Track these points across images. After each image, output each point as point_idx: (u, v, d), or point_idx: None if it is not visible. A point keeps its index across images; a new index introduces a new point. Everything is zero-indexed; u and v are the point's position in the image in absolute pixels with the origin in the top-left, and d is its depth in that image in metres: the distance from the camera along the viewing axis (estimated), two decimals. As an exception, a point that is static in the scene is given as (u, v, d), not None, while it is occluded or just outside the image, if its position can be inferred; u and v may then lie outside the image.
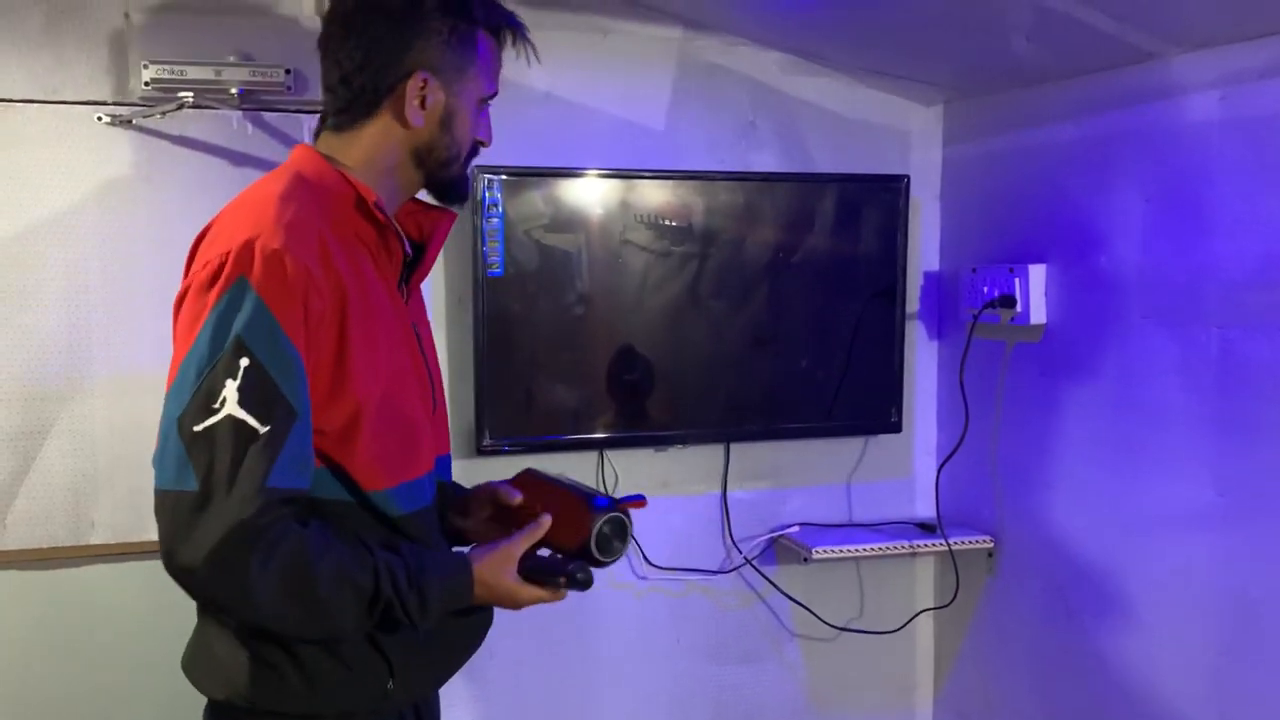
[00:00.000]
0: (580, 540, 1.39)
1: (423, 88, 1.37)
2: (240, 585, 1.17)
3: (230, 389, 1.17)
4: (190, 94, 2.06)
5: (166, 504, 1.17)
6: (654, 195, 2.40)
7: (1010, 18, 2.02)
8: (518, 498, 1.48)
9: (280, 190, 1.29)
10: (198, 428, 1.17)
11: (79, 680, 2.18)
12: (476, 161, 2.19)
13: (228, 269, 1.20)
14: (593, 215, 2.37)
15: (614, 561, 1.42)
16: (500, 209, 2.30)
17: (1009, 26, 2.07)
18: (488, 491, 1.52)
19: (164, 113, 2.07)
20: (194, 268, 1.27)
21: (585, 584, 1.38)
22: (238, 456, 1.16)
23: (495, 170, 2.28)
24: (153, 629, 1.33)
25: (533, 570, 1.38)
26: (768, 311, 2.51)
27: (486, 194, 2.28)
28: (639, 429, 2.47)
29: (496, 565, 1.37)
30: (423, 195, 1.50)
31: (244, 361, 1.17)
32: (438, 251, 1.51)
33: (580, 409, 2.42)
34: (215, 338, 1.18)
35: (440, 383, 1.53)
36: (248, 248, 1.20)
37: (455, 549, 1.45)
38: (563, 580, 1.38)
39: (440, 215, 1.53)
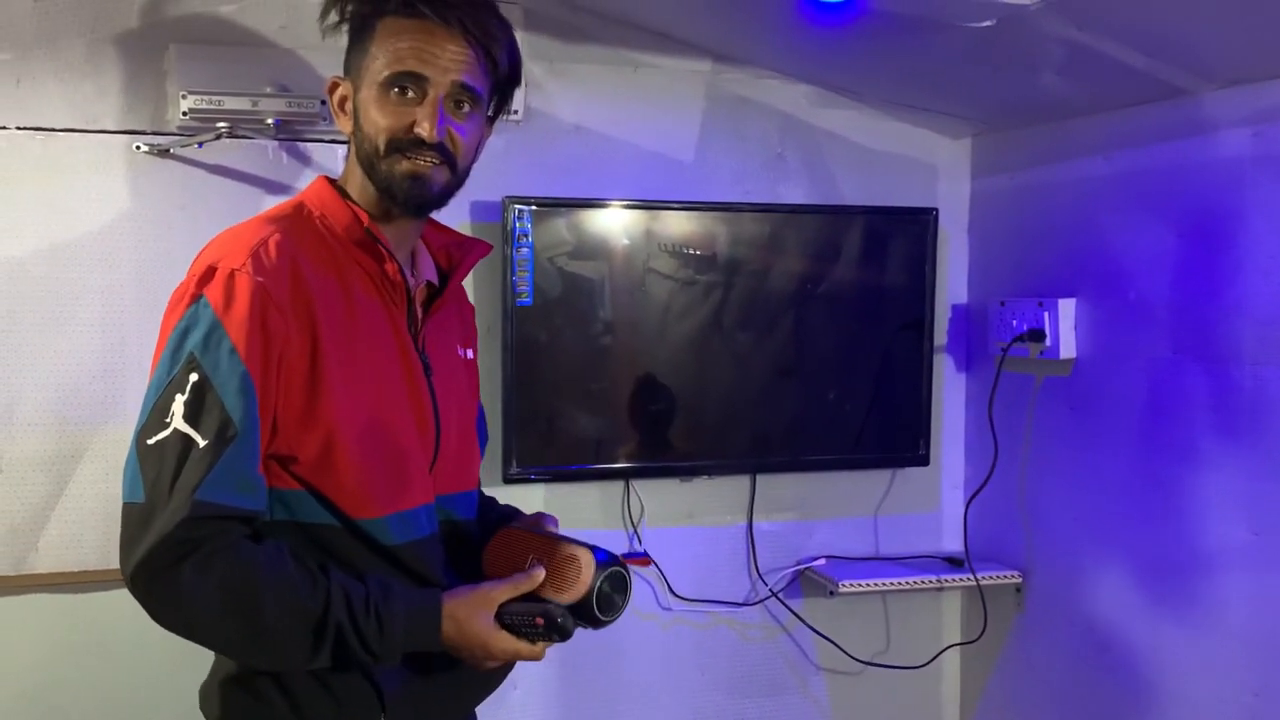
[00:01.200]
0: (579, 597, 1.31)
1: (337, 91, 1.37)
2: (173, 597, 1.19)
3: (179, 403, 1.20)
4: (227, 124, 2.09)
5: (122, 516, 1.22)
6: (679, 225, 2.41)
7: (1040, 53, 2.03)
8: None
9: (267, 217, 1.32)
10: (149, 441, 1.21)
11: (106, 702, 2.19)
12: (507, 192, 2.28)
13: (191, 289, 1.24)
14: (618, 244, 2.38)
15: (613, 621, 1.32)
16: (530, 239, 2.31)
17: (1039, 61, 2.08)
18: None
19: (202, 142, 2.10)
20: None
21: (565, 633, 1.29)
22: (178, 469, 1.19)
23: (525, 201, 2.30)
24: (179, 654, 1.34)
25: (513, 617, 1.30)
26: (794, 342, 2.51)
27: (517, 224, 2.30)
28: (665, 459, 2.46)
29: (472, 606, 1.31)
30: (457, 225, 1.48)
31: (193, 377, 1.20)
32: (458, 282, 1.49)
33: (606, 438, 2.43)
34: (173, 355, 1.22)
35: (461, 416, 1.48)
36: (211, 270, 1.24)
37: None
38: (540, 624, 1.29)
39: (472, 246, 1.52)
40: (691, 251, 2.42)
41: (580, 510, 2.45)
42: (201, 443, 1.19)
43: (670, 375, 2.44)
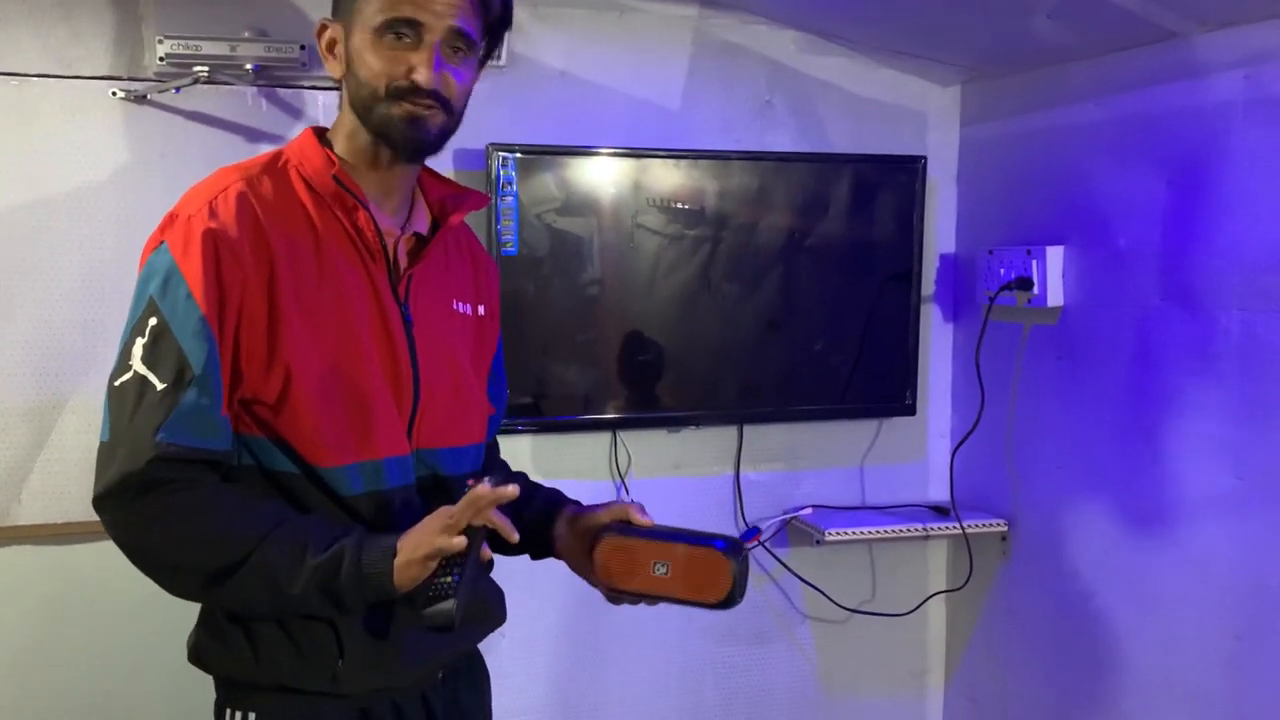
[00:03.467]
0: (723, 596, 1.32)
1: (325, 34, 1.36)
2: (136, 521, 1.22)
3: (138, 346, 1.24)
4: (205, 69, 2.05)
5: (97, 454, 1.26)
6: (667, 177, 2.39)
7: (1032, -5, 2.00)
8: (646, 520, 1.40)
9: (238, 166, 1.34)
10: (115, 383, 1.24)
11: (93, 653, 2.19)
12: (491, 139, 2.25)
13: (156, 236, 1.28)
14: (605, 198, 2.36)
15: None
16: (514, 187, 2.29)
17: (1029, 4, 2.05)
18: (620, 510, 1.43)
19: (179, 88, 2.07)
20: None
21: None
22: (135, 410, 1.22)
23: (509, 148, 2.27)
24: (166, 604, 1.35)
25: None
26: (781, 294, 2.50)
27: (501, 172, 2.27)
28: (652, 410, 2.46)
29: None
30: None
31: (152, 321, 1.24)
32: (448, 235, 1.46)
33: (593, 390, 2.42)
34: (138, 300, 1.27)
35: (452, 370, 1.45)
36: (174, 217, 1.28)
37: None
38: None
39: (465, 196, 1.50)
40: (680, 206, 2.40)
41: (567, 461, 2.45)
42: (159, 385, 1.22)
43: (657, 329, 2.43)
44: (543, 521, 1.51)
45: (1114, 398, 2.23)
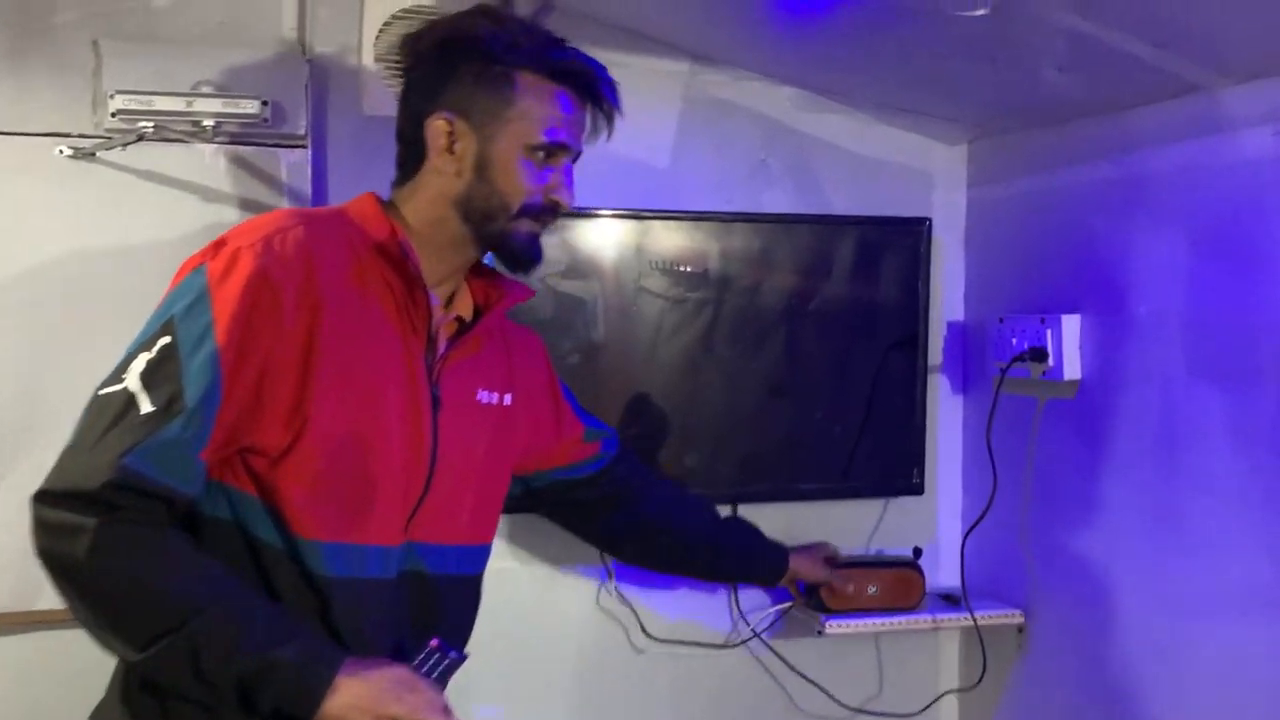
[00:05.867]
0: (917, 599, 2.27)
1: (449, 131, 1.32)
2: (65, 545, 1.14)
3: (140, 361, 1.19)
4: (150, 125, 1.93)
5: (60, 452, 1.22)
6: (667, 239, 2.26)
7: (1041, 45, 1.87)
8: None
9: (302, 211, 1.38)
10: (101, 391, 1.20)
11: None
12: None
13: (198, 259, 1.25)
14: (605, 261, 2.24)
15: None
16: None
17: (1039, 56, 1.92)
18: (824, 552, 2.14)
19: (124, 145, 1.94)
20: None
21: None
22: (111, 425, 1.16)
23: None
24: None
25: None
26: (782, 363, 2.35)
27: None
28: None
29: (385, 673, 1.23)
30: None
31: (164, 340, 1.19)
32: (491, 323, 1.44)
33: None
34: (157, 316, 1.23)
35: (467, 462, 1.41)
36: (222, 243, 1.25)
37: None
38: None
39: (509, 288, 1.47)
40: (682, 269, 2.27)
41: (546, 545, 2.26)
42: (145, 409, 1.16)
43: (657, 397, 2.28)
44: (765, 555, 2.08)
45: (1139, 480, 2.05)
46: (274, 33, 2.12)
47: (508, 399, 1.51)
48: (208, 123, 1.99)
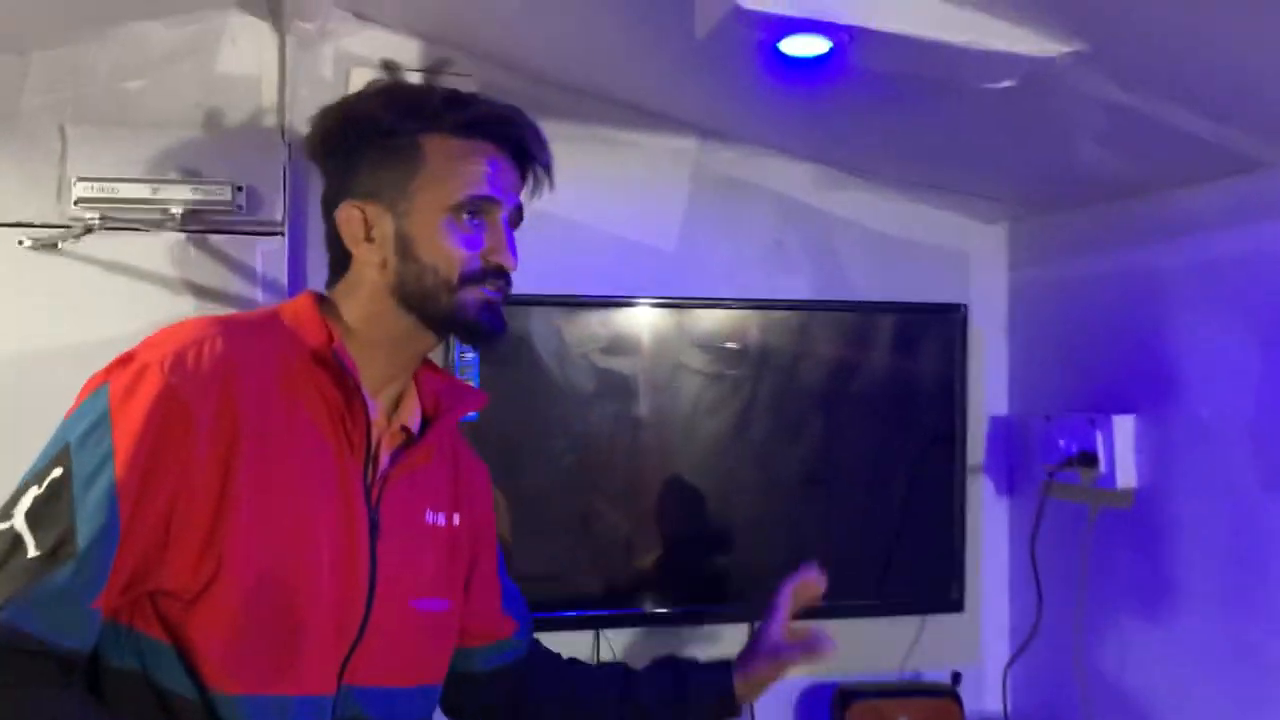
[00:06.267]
0: None
1: (362, 219, 1.20)
2: None
3: (28, 497, 1.04)
4: (96, 217, 1.80)
5: None
6: (699, 319, 2.11)
7: (1077, 118, 1.67)
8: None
9: (229, 318, 1.20)
10: None
11: None
12: None
13: (101, 375, 1.11)
14: (644, 338, 2.10)
15: None
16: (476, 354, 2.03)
17: (1076, 129, 1.72)
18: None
19: (77, 236, 1.82)
20: None
21: None
22: None
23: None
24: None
25: None
26: (818, 450, 2.16)
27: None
28: (640, 605, 2.11)
29: None
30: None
31: (56, 472, 1.04)
32: (439, 436, 1.28)
33: (569, 583, 2.07)
34: (53, 443, 1.08)
35: (415, 592, 1.25)
36: (129, 359, 1.11)
37: None
38: None
39: (463, 394, 1.34)
40: (725, 345, 2.12)
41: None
42: (31, 553, 1.01)
43: (681, 482, 2.12)
44: (705, 689, 1.48)
45: (1205, 604, 1.80)
46: (251, 114, 2.00)
47: (456, 519, 1.34)
48: (175, 210, 1.87)
